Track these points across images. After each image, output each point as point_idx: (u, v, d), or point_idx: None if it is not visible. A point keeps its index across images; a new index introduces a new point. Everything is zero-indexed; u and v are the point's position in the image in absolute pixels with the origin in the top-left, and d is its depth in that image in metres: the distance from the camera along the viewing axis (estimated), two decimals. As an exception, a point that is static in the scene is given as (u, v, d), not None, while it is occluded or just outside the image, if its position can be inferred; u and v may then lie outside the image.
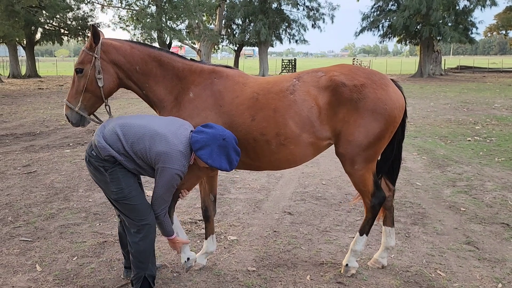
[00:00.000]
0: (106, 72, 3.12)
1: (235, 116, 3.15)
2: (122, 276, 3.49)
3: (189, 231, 4.44)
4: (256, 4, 35.13)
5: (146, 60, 3.21)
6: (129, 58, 3.18)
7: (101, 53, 3.10)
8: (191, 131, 2.97)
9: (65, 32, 34.13)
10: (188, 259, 3.47)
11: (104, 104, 3.23)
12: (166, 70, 3.25)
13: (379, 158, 3.49)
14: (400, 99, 3.26)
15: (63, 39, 35.50)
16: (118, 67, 3.17)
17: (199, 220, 4.65)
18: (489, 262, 3.75)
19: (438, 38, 33.76)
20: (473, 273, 3.55)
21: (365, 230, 3.53)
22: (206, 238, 3.66)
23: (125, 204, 2.95)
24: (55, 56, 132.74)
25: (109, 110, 3.28)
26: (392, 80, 3.36)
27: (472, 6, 33.49)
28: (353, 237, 4.25)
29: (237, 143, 2.98)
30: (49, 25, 33.15)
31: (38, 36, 34.53)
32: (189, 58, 3.38)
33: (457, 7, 33.38)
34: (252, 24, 35.80)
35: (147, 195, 3.23)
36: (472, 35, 34.93)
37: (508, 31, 42.92)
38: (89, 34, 3.14)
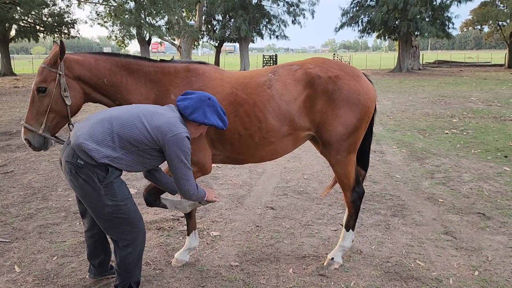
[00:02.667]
0: (71, 89, 2.92)
1: None
2: (87, 276, 3.36)
3: (172, 228, 4.42)
4: (236, -1, 35.01)
5: (113, 70, 3.06)
6: (95, 71, 3.01)
7: (65, 69, 2.90)
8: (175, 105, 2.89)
9: (41, 28, 33.26)
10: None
11: (67, 123, 3.00)
12: (137, 77, 3.12)
13: None
14: (372, 90, 3.38)
15: (39, 36, 34.57)
16: (84, 83, 2.99)
17: (181, 217, 4.63)
18: (466, 251, 3.84)
19: (416, 33, 34.27)
20: (451, 262, 3.64)
21: (350, 225, 3.61)
22: (188, 234, 3.65)
23: (118, 217, 2.74)
24: (31, 54, 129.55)
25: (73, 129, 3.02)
26: (362, 73, 3.46)
27: (448, 1, 34.07)
28: (335, 230, 4.32)
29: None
30: (24, 21, 32.22)
31: (12, 33, 33.59)
32: (158, 60, 3.28)
33: (434, 2, 33.98)
34: (232, 20, 35.68)
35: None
36: (449, 30, 35.57)
37: (483, 26, 43.80)
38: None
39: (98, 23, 31.55)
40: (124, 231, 2.81)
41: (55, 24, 32.38)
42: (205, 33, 36.68)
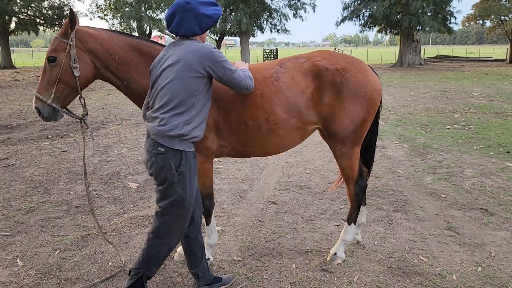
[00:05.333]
0: (82, 61, 2.93)
1: (227, 102, 3.11)
2: None
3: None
4: (236, -7, 34.76)
5: (125, 49, 3.07)
6: (107, 47, 3.02)
7: (76, 41, 2.92)
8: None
9: (41, 21, 33.15)
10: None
11: (78, 96, 3.04)
12: (147, 59, 3.11)
13: None
14: (378, 82, 3.37)
15: (39, 29, 34.48)
16: (95, 56, 3.00)
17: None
18: (469, 246, 3.84)
19: (418, 27, 34.13)
20: (454, 258, 3.63)
21: (352, 219, 3.60)
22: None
23: (180, 207, 2.73)
24: (30, 47, 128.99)
25: (84, 103, 3.08)
26: (368, 66, 3.45)
27: (450, -5, 33.92)
28: (338, 225, 4.31)
29: None
30: (24, 14, 32.12)
31: (12, 25, 33.45)
32: None
33: (436, -3, 33.78)
34: (233, 13, 35.45)
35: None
36: (451, 25, 35.45)
37: (485, 21, 43.64)
38: (60, 29, 2.98)
39: (98, 16, 31.45)
40: (170, 228, 2.77)
41: (55, 16, 32.28)
42: (205, 26, 36.43)
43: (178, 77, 2.63)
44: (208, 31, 2.91)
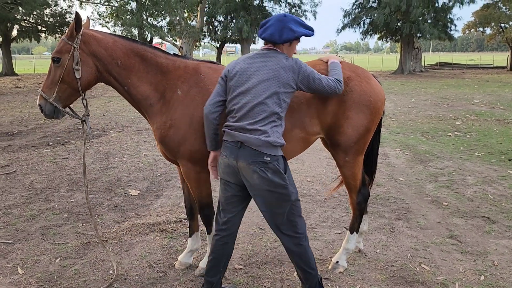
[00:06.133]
0: (84, 63, 2.99)
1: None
2: None
3: (175, 230, 4.39)
4: (237, 0, 34.95)
5: (128, 54, 3.10)
6: (111, 51, 3.06)
7: (81, 44, 2.97)
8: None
9: (43, 29, 33.32)
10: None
11: (81, 97, 3.09)
12: (150, 66, 3.14)
13: None
14: (382, 91, 3.36)
15: (41, 36, 34.64)
16: (98, 60, 3.04)
17: (184, 219, 4.61)
18: (472, 255, 3.82)
19: (418, 35, 34.23)
20: (456, 266, 3.61)
21: (354, 227, 3.58)
22: (190, 236, 3.62)
23: (296, 207, 2.76)
24: (32, 54, 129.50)
25: (86, 104, 3.14)
26: (372, 75, 3.44)
27: (450, 3, 34.04)
28: (339, 233, 4.30)
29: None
30: (25, 21, 32.28)
31: (14, 33, 33.64)
32: (172, 53, 3.30)
33: (436, 4, 33.89)
34: (234, 21, 35.65)
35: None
36: (451, 32, 35.52)
37: (486, 28, 43.79)
38: (67, 31, 3.02)
39: (100, 24, 31.51)
40: (298, 223, 2.81)
41: (57, 24, 32.42)
42: (206, 34, 36.64)
43: (276, 94, 2.70)
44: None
